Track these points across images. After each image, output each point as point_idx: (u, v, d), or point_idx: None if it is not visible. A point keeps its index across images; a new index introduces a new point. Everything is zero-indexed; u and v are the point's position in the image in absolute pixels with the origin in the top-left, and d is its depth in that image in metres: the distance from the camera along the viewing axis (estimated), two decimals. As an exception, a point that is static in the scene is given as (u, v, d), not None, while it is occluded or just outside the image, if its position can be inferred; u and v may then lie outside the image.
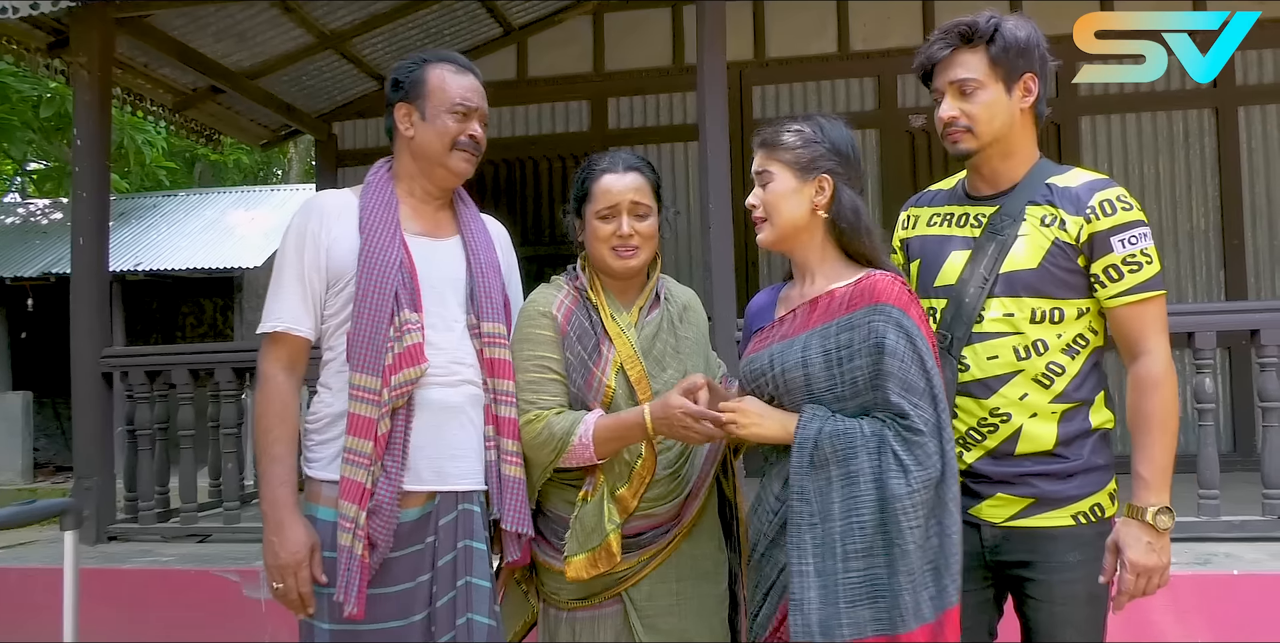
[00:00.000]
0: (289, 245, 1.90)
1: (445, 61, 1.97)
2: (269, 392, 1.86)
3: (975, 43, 1.78)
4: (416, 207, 1.98)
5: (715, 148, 3.86)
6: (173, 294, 12.28)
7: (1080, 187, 1.76)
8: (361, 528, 1.76)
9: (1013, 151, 1.81)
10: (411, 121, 1.94)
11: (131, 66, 5.02)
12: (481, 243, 2.02)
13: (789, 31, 5.93)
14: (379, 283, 1.83)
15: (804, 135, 1.76)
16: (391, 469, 1.80)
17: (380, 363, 1.80)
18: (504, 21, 5.94)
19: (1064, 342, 1.76)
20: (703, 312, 2.12)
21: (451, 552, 1.86)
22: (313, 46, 5.48)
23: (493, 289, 1.98)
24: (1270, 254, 5.40)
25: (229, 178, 16.54)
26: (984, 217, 1.82)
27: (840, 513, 1.60)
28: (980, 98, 1.77)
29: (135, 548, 3.96)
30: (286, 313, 1.87)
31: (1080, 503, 1.75)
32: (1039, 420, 1.75)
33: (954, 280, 1.81)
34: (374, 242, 1.85)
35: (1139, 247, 1.72)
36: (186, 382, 4.09)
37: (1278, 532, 3.25)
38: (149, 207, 12.85)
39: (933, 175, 5.74)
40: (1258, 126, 5.49)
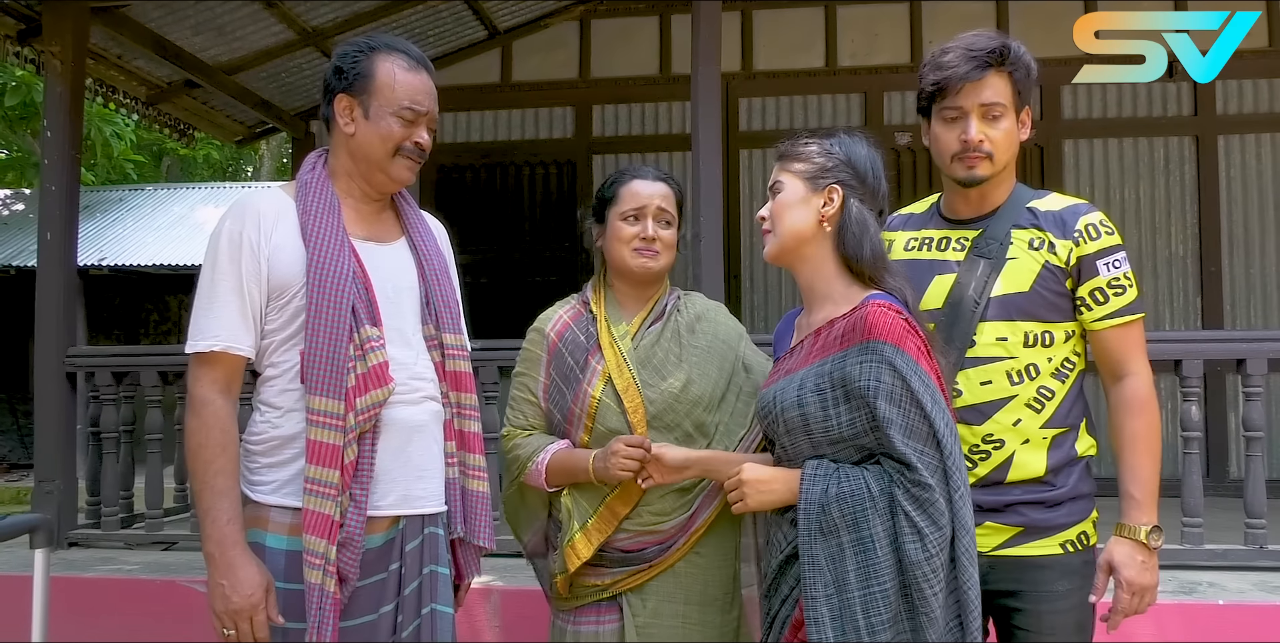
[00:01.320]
0: (222, 254, 1.70)
1: (397, 53, 1.77)
2: (207, 419, 1.66)
3: (1003, 67, 1.75)
4: (358, 207, 1.81)
5: (708, 159, 3.82)
6: (137, 290, 12.02)
7: (1063, 210, 1.78)
8: (332, 564, 1.62)
9: (1005, 179, 1.82)
10: (353, 117, 1.75)
11: (105, 57, 4.89)
12: (431, 247, 1.88)
13: (777, 44, 5.92)
14: (334, 297, 1.67)
15: (820, 146, 1.72)
16: (360, 498, 1.67)
17: (342, 385, 1.64)
18: (489, 24, 5.87)
19: (1053, 365, 1.76)
20: (727, 320, 2.06)
21: (417, 579, 1.76)
22: (293, 43, 5.38)
23: (449, 298, 1.87)
24: (1246, 282, 5.47)
25: (198, 173, 16.25)
26: (966, 240, 1.80)
27: (858, 583, 1.50)
28: (1003, 125, 1.76)
29: (97, 555, 3.82)
30: (224, 330, 1.68)
31: (1068, 531, 1.75)
32: (1030, 447, 1.74)
33: (940, 304, 1.77)
34: (323, 251, 1.69)
35: (1122, 270, 1.75)
36: (155, 384, 3.96)
37: (1260, 562, 3.26)
38: (115, 200, 12.58)
39: (917, 193, 5.73)
40: (1236, 156, 5.57)
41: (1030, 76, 1.78)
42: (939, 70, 1.77)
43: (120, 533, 3.97)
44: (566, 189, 6.12)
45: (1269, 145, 5.56)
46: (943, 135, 1.78)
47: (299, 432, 1.68)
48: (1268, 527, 3.27)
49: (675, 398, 1.89)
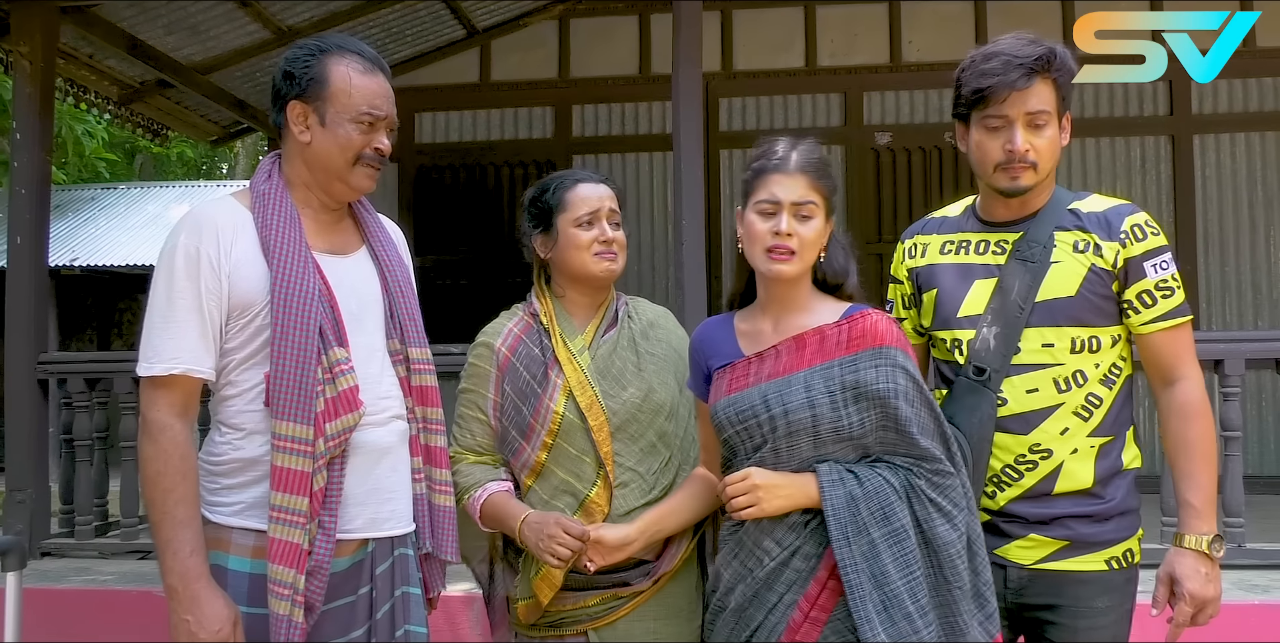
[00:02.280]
0: (178, 271, 1.59)
1: (350, 54, 1.67)
2: (165, 445, 1.57)
3: (1049, 74, 1.68)
4: (317, 218, 1.72)
5: (689, 161, 3.80)
6: (110, 290, 11.84)
7: (1108, 211, 1.72)
8: (300, 594, 1.55)
9: (1049, 183, 1.76)
10: (308, 125, 1.67)
11: (76, 57, 4.81)
12: (393, 257, 1.80)
13: (757, 44, 5.91)
14: (300, 318, 1.59)
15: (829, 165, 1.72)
16: (329, 525, 1.61)
17: (311, 410, 1.57)
18: (468, 23, 5.82)
19: (1101, 371, 1.70)
20: (677, 329, 2.05)
21: (389, 601, 1.71)
22: (269, 42, 5.30)
23: (413, 310, 1.79)
24: (1221, 281, 5.53)
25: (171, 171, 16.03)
26: (1007, 243, 1.74)
27: (899, 572, 1.54)
28: (1047, 133, 1.70)
29: (71, 565, 3.76)
30: (184, 352, 1.58)
31: (1115, 548, 1.69)
32: (1079, 457, 1.69)
33: (981, 310, 1.73)
34: (287, 269, 1.60)
35: (1170, 272, 1.69)
36: (129, 390, 3.89)
37: (1239, 559, 3.29)
38: (87, 199, 12.38)
39: (897, 194, 5.84)
40: (1212, 155, 5.63)
41: (1072, 81, 1.71)
42: (984, 77, 1.68)
43: (95, 542, 3.91)
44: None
45: (1243, 145, 5.62)
46: (985, 144, 1.71)
47: (261, 455, 1.61)
48: (1246, 525, 3.31)
49: (638, 408, 1.86)
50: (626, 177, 5.92)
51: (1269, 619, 2.92)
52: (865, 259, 5.88)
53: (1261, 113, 5.60)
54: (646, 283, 5.78)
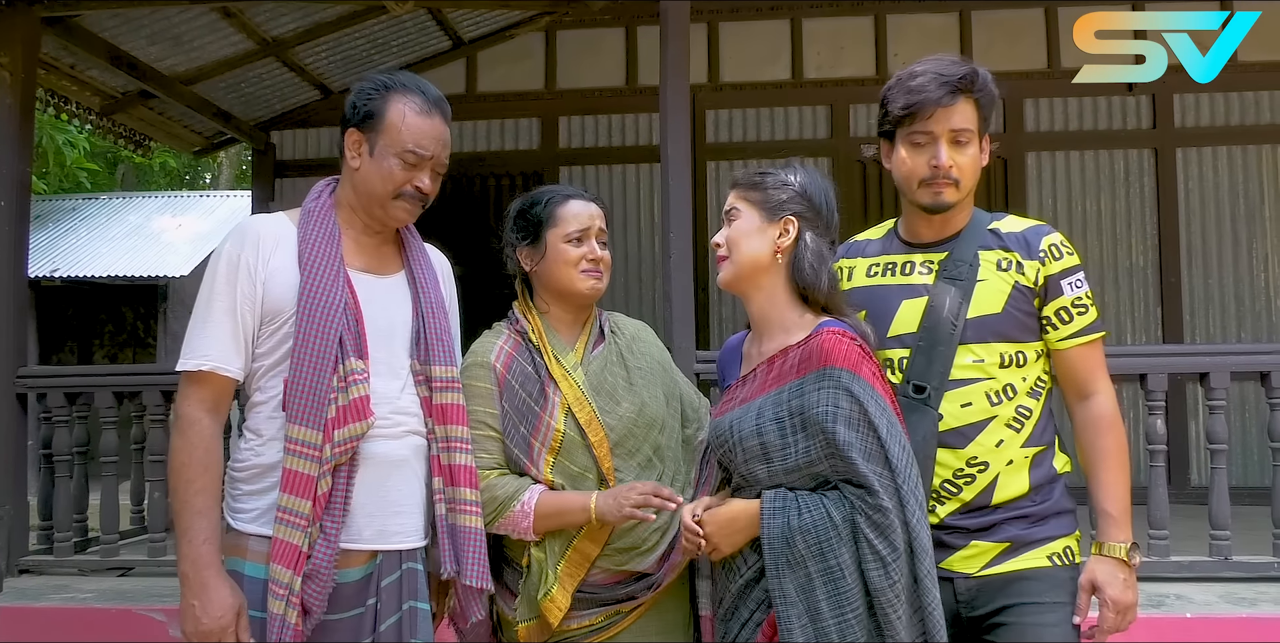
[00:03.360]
0: (219, 275, 1.71)
1: (413, 93, 1.76)
2: (192, 438, 1.67)
3: (972, 93, 1.75)
4: (359, 239, 1.82)
5: (677, 174, 3.79)
6: (91, 301, 11.74)
7: (1026, 231, 1.79)
8: (295, 595, 1.61)
9: (969, 202, 1.83)
10: (360, 152, 1.77)
11: (57, 68, 4.76)
12: (429, 281, 1.87)
13: (744, 57, 5.93)
14: (322, 327, 1.67)
15: (776, 177, 1.75)
16: (330, 530, 1.65)
17: (322, 416, 1.64)
18: (454, 35, 5.80)
19: (1028, 384, 1.76)
20: (656, 342, 2.07)
21: (395, 614, 1.73)
22: (253, 53, 5.27)
23: (443, 331, 1.85)
24: (1205, 294, 5.56)
25: (154, 181, 15.93)
26: (933, 263, 1.80)
27: (831, 611, 1.53)
28: (969, 151, 1.76)
29: (50, 583, 3.69)
30: (214, 350, 1.68)
31: (1054, 544, 1.75)
32: (1014, 469, 1.74)
33: (914, 328, 1.77)
34: (316, 280, 1.69)
35: (1083, 290, 1.77)
36: (110, 405, 3.84)
37: (1225, 572, 3.30)
38: (68, 210, 12.30)
39: (883, 205, 5.84)
40: (1194, 168, 5.67)
41: (994, 104, 1.79)
42: (910, 94, 1.74)
43: (74, 559, 3.84)
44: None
45: (1225, 158, 5.66)
46: (911, 160, 1.76)
47: (279, 460, 1.67)
48: (1232, 537, 3.31)
49: (633, 423, 1.86)
50: (613, 188, 5.91)
51: (1255, 632, 2.93)
52: (852, 271, 5.72)
53: (1243, 126, 5.64)
54: (634, 296, 5.76)
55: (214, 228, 11.40)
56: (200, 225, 11.70)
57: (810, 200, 1.74)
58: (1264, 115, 5.64)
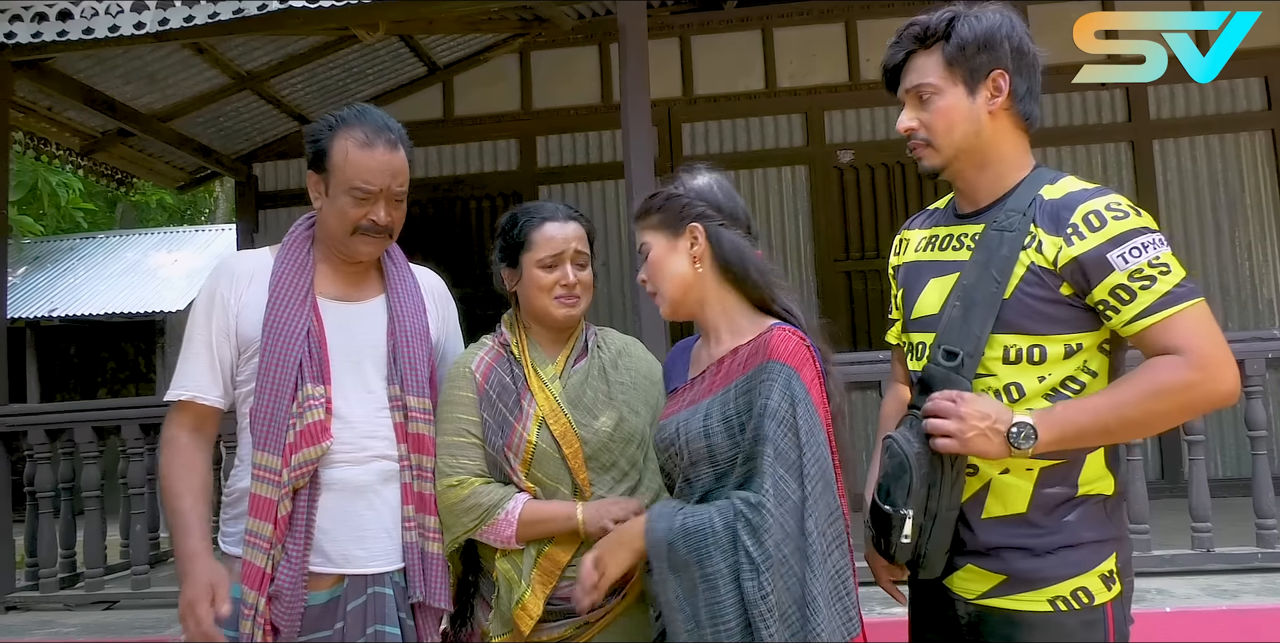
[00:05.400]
0: (199, 309, 1.82)
1: (356, 127, 1.75)
2: (170, 452, 1.77)
3: (930, 43, 1.56)
4: (338, 268, 1.85)
5: (641, 187, 3.80)
6: (91, 339, 11.84)
7: (1062, 199, 1.48)
8: (261, 614, 1.67)
9: (988, 161, 1.56)
10: (319, 193, 1.80)
11: (34, 110, 4.83)
12: (409, 308, 1.87)
13: (716, 69, 5.96)
14: (282, 354, 1.72)
15: (663, 194, 1.68)
16: (293, 552, 1.70)
17: (281, 441, 1.70)
18: (428, 60, 5.87)
19: (1047, 386, 1.47)
20: (646, 356, 2.01)
21: (360, 638, 1.74)
22: (228, 87, 5.34)
23: (417, 360, 1.85)
24: (1189, 283, 5.53)
25: (153, 218, 16.09)
26: (967, 236, 1.58)
27: (708, 620, 1.46)
28: (936, 104, 1.54)
29: (35, 619, 3.71)
30: (191, 381, 1.78)
31: (1058, 586, 1.47)
32: (1011, 478, 1.50)
33: (935, 311, 1.58)
34: (280, 309, 1.75)
35: (1144, 258, 1.41)
36: (90, 440, 3.87)
37: (1208, 565, 3.26)
38: (66, 250, 12.42)
39: (862, 211, 5.86)
40: (1172, 159, 5.65)
41: (970, 44, 1.53)
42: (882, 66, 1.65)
43: (60, 594, 3.86)
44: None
45: (1203, 148, 5.64)
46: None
47: None
48: (1218, 529, 3.28)
49: (609, 437, 1.84)
50: (592, 205, 5.94)
51: (1237, 624, 2.89)
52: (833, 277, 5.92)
53: (1219, 115, 5.63)
54: (618, 310, 5.77)
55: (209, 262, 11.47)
56: (195, 260, 11.80)
57: (706, 199, 1.64)
58: (1240, 103, 5.63)
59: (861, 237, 5.79)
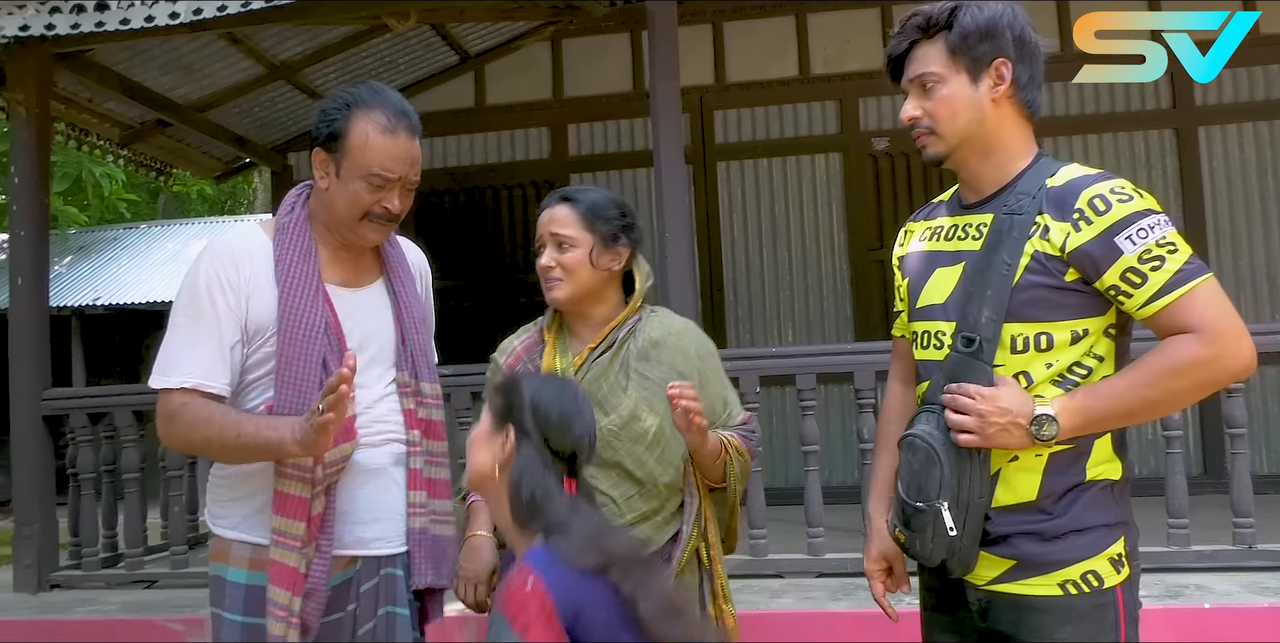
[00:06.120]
0: (200, 292, 1.68)
1: (377, 109, 1.68)
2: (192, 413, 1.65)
3: (932, 33, 1.57)
4: (335, 252, 1.77)
5: (671, 175, 3.80)
6: (135, 327, 12.05)
7: (1066, 185, 1.49)
8: (295, 616, 1.62)
9: (991, 150, 1.57)
10: (326, 173, 1.71)
11: (75, 101, 4.92)
12: (410, 293, 1.85)
13: (749, 55, 5.90)
14: (303, 350, 1.66)
15: (499, 400, 1.56)
16: (325, 548, 1.66)
17: None
18: (460, 49, 5.88)
19: (1054, 372, 1.48)
20: (690, 347, 1.90)
21: (372, 620, 1.74)
22: (263, 78, 5.40)
23: (426, 347, 1.84)
24: (1234, 274, 5.39)
25: (193, 209, 16.35)
26: (985, 226, 1.56)
27: None
28: (938, 93, 1.56)
29: (78, 597, 3.80)
30: (198, 367, 1.66)
31: (1068, 569, 1.48)
32: (1019, 467, 1.49)
33: (942, 299, 1.59)
34: (294, 303, 1.67)
35: (1153, 238, 1.41)
36: (130, 423, 3.95)
37: (1248, 562, 3.19)
38: (110, 240, 12.67)
39: (896, 200, 5.78)
40: (1219, 146, 5.50)
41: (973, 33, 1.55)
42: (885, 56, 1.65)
43: (101, 573, 3.96)
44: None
45: (1250, 135, 5.49)
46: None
47: (259, 469, 1.68)
48: (1256, 526, 3.20)
49: (614, 435, 1.80)
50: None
51: (1277, 623, 2.82)
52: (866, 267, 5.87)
53: (1268, 101, 5.46)
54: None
55: (249, 251, 11.65)
56: (235, 249, 11.95)
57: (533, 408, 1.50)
58: (1289, 89, 5.47)
59: (897, 226, 5.64)
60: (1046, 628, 1.48)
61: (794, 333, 5.78)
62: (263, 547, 1.68)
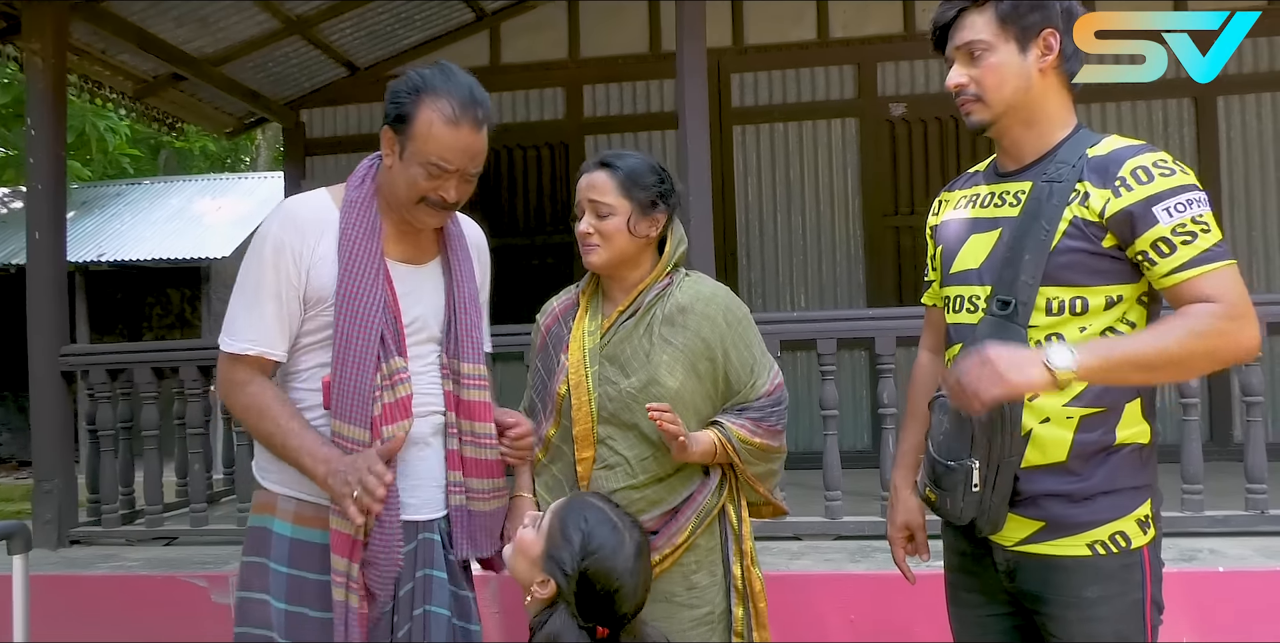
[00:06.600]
0: (265, 258, 1.72)
1: (445, 98, 1.67)
2: (253, 389, 1.72)
3: (981, 2, 1.59)
4: (399, 226, 1.81)
5: (695, 139, 3.77)
6: (138, 285, 12.01)
7: (1110, 154, 1.53)
8: (355, 581, 1.67)
9: (1035, 119, 1.61)
10: (392, 151, 1.73)
11: (89, 53, 4.85)
12: (465, 272, 1.86)
13: (768, 18, 5.84)
14: (363, 327, 1.69)
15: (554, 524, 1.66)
16: (385, 519, 1.68)
17: (368, 414, 1.68)
18: (476, 7, 5.81)
19: (1087, 336, 1.51)
20: (718, 314, 1.90)
21: (410, 582, 1.77)
22: (279, 32, 5.33)
23: (473, 327, 1.85)
24: (1249, 244, 5.41)
25: (195, 165, 16.20)
26: (1024, 193, 1.59)
27: None
28: (988, 60, 1.58)
29: (99, 553, 3.84)
30: (262, 335, 1.72)
31: (1097, 530, 1.53)
32: (1052, 426, 1.53)
33: (977, 264, 1.62)
34: (355, 279, 1.70)
35: (1188, 214, 1.45)
36: (149, 380, 3.96)
37: (1261, 527, 3.24)
38: (113, 195, 12.56)
39: (912, 166, 5.76)
40: (1236, 116, 5.48)
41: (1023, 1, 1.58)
42: (932, 23, 1.67)
43: (121, 530, 3.98)
44: (560, 171, 6.08)
45: (1269, 105, 5.46)
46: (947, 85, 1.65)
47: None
48: (1269, 491, 3.25)
49: (633, 398, 1.84)
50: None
51: (1292, 586, 2.88)
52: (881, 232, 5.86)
53: (1289, 72, 5.44)
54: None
55: (254, 209, 11.57)
56: (240, 207, 11.88)
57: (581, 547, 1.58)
58: (1310, 59, 5.44)
59: (911, 192, 5.69)
60: (1075, 587, 1.53)
61: (806, 298, 5.79)
62: (306, 503, 1.73)
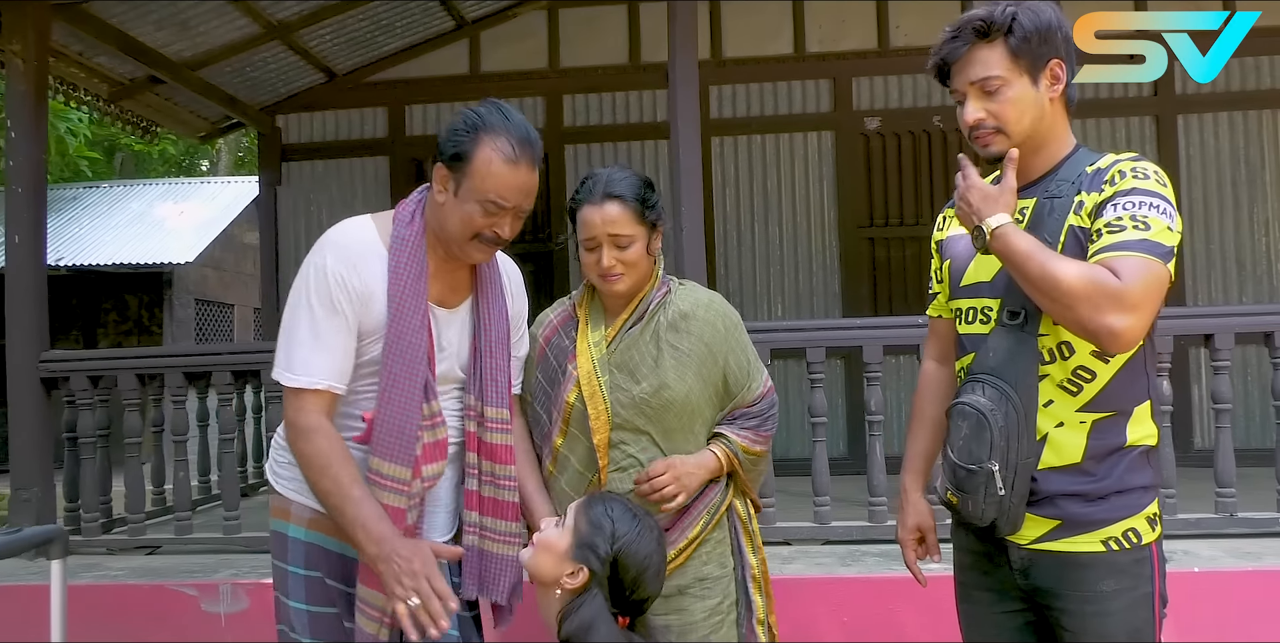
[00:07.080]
0: (329, 291, 1.73)
1: (503, 137, 1.71)
2: (320, 441, 1.70)
3: (992, 37, 1.63)
4: (440, 265, 1.83)
5: (687, 149, 3.83)
6: (94, 290, 11.73)
7: (1108, 166, 1.60)
8: (387, 616, 1.68)
9: (1045, 143, 1.67)
10: (445, 188, 1.75)
11: (66, 55, 4.78)
12: (495, 313, 1.88)
13: (746, 32, 5.94)
14: (408, 372, 1.73)
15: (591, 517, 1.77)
16: None
17: (411, 454, 1.73)
18: (457, 15, 5.82)
19: None
20: (717, 320, 1.98)
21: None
22: (259, 37, 5.29)
23: (499, 370, 1.87)
24: (1207, 259, 5.62)
25: (153, 169, 15.89)
26: (1027, 210, 1.66)
27: None
28: (1006, 95, 1.62)
29: (80, 562, 3.75)
30: (331, 370, 1.72)
31: (1111, 527, 1.59)
32: (1066, 430, 1.61)
33: (989, 277, 1.69)
34: (404, 321, 1.74)
35: (1133, 211, 1.51)
36: (133, 387, 3.91)
37: (1231, 528, 3.38)
38: (69, 199, 12.28)
39: (886, 178, 5.89)
40: (1195, 135, 5.70)
41: (1033, 36, 1.62)
42: (933, 55, 1.70)
43: (102, 539, 3.91)
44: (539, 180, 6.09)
45: (1226, 124, 5.69)
46: (959, 118, 1.70)
47: None
48: (1237, 495, 3.39)
49: (645, 403, 1.89)
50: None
51: (1260, 585, 3.01)
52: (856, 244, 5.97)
53: (1245, 92, 5.67)
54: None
55: (217, 214, 11.40)
56: (203, 212, 11.69)
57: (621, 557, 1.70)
58: (1265, 80, 5.67)
59: (886, 204, 5.82)
60: (1091, 581, 1.59)
61: (783, 308, 5.88)
62: (321, 512, 1.75)
